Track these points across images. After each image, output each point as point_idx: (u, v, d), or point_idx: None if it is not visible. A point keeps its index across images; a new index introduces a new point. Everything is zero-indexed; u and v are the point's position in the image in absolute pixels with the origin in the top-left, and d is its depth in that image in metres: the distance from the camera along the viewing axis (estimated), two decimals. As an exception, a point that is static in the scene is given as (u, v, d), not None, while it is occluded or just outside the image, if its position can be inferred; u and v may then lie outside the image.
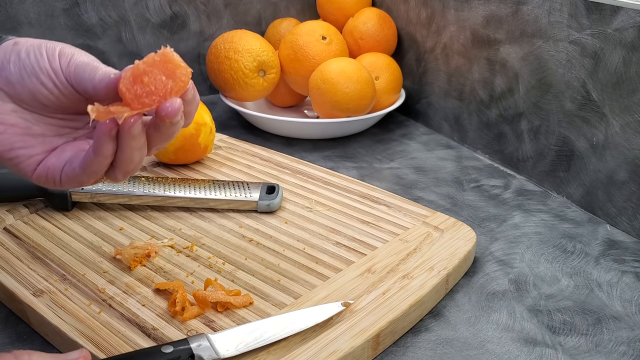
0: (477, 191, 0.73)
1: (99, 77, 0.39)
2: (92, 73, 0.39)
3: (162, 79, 0.38)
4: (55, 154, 0.42)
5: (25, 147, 0.41)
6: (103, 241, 0.57)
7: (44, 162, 0.41)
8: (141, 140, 0.39)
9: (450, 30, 0.85)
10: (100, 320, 0.46)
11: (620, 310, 0.52)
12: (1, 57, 0.39)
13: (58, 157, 0.41)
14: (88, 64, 0.40)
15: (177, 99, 0.38)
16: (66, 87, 0.40)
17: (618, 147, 0.63)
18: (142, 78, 0.38)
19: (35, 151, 0.41)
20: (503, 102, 0.78)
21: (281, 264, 0.54)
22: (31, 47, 0.40)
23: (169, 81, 0.38)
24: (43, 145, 0.41)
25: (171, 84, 0.38)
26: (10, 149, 0.40)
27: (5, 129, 0.40)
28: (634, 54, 0.60)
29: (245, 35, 0.87)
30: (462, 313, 0.51)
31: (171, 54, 0.38)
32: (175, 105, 0.38)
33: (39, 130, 0.41)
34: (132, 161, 0.40)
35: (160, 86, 0.38)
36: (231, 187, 0.64)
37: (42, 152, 0.41)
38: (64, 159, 0.41)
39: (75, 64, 0.40)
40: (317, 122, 0.84)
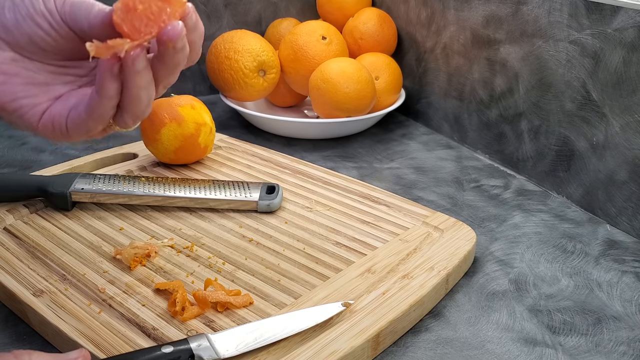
0: (477, 191, 0.73)
1: (94, 14, 0.38)
2: (88, 10, 0.39)
3: (157, 4, 0.36)
4: (60, 101, 0.40)
5: (28, 96, 0.39)
6: (103, 241, 0.57)
7: (49, 111, 0.40)
8: (147, 76, 0.38)
9: (450, 30, 0.85)
10: (100, 320, 0.46)
11: (620, 310, 0.52)
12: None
13: (63, 104, 0.40)
14: (83, 1, 0.39)
15: (179, 22, 0.36)
16: (62, 28, 0.39)
17: (618, 147, 0.63)
18: (135, 6, 0.36)
19: (39, 100, 0.40)
20: (503, 102, 0.78)
21: (281, 264, 0.54)
22: None
23: (165, 6, 0.36)
24: (47, 93, 0.40)
25: (169, 8, 0.37)
26: (13, 99, 0.39)
27: (7, 79, 0.39)
28: (634, 54, 0.60)
29: (245, 35, 0.87)
30: (462, 313, 0.51)
31: None
32: (178, 28, 0.36)
33: (41, 78, 0.40)
34: (140, 102, 0.38)
35: (158, 12, 0.36)
36: (231, 187, 0.64)
37: (46, 101, 0.40)
38: (69, 105, 0.40)
39: (71, 3, 0.39)
40: (317, 122, 0.84)
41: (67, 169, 0.70)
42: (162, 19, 0.36)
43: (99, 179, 0.63)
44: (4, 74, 0.39)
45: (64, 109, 0.40)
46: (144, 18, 0.36)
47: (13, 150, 0.81)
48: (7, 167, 0.76)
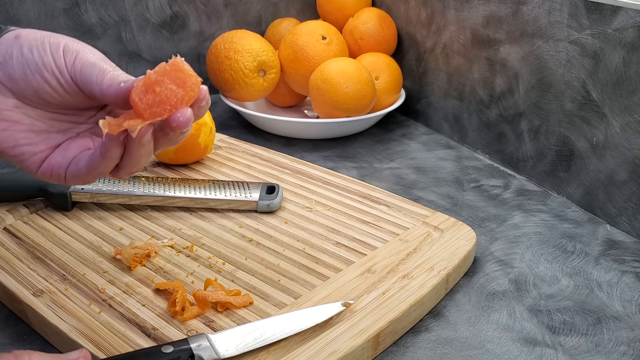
0: (477, 191, 0.73)
1: (107, 83, 0.39)
2: (100, 76, 0.39)
3: (173, 89, 0.38)
4: (60, 151, 0.41)
5: (29, 144, 0.41)
6: (103, 241, 0.57)
7: (48, 160, 0.41)
8: (149, 146, 0.39)
9: (450, 30, 0.85)
10: (100, 320, 0.46)
11: (620, 310, 0.52)
12: (3, 51, 0.39)
13: (63, 155, 0.41)
14: (95, 64, 0.39)
15: (188, 109, 0.38)
16: (71, 87, 0.40)
17: (618, 147, 0.63)
18: (154, 88, 0.38)
19: (39, 148, 0.41)
20: (503, 102, 0.78)
21: (281, 264, 0.54)
22: (34, 42, 0.39)
23: (179, 90, 0.38)
24: (47, 142, 0.41)
25: (182, 93, 0.38)
26: (14, 146, 0.40)
27: (9, 126, 0.40)
28: (634, 54, 0.60)
29: (245, 35, 0.87)
30: (462, 313, 0.51)
31: (182, 64, 0.39)
32: (187, 116, 0.38)
33: (42, 126, 0.41)
34: (139, 164, 0.40)
35: (172, 96, 0.38)
36: (231, 187, 0.64)
37: (46, 149, 0.41)
38: (69, 157, 0.41)
39: (82, 64, 0.39)
40: (317, 122, 0.84)
41: (67, 169, 0.70)
42: (174, 102, 0.38)
43: (99, 179, 0.63)
44: (7, 121, 0.40)
45: (64, 160, 0.41)
46: (159, 100, 0.38)
47: None
48: (7, 167, 0.76)
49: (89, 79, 0.39)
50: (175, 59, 0.38)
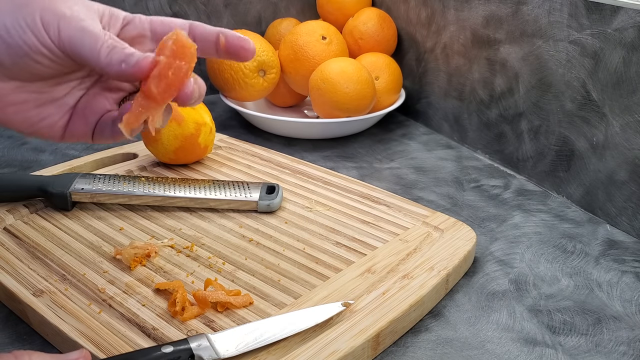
0: (477, 191, 0.73)
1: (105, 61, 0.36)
2: (94, 50, 0.36)
3: (180, 65, 0.37)
4: (79, 118, 0.41)
5: (43, 118, 0.40)
6: (103, 241, 0.57)
7: (69, 128, 0.41)
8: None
9: (450, 30, 0.85)
10: (100, 320, 0.46)
11: (620, 310, 0.52)
12: None
13: (84, 124, 0.41)
14: (83, 32, 0.36)
15: (191, 83, 0.38)
16: (63, 59, 0.38)
17: (618, 147, 0.63)
18: (167, 73, 0.37)
19: (54, 119, 0.40)
20: (503, 102, 0.78)
21: (281, 264, 0.54)
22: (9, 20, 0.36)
23: (184, 65, 0.38)
24: (59, 108, 0.40)
25: (185, 67, 0.38)
26: (30, 125, 0.40)
27: (18, 108, 0.39)
28: (634, 54, 0.60)
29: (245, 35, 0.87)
30: (462, 313, 0.51)
31: (183, 38, 0.37)
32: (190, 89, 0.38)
33: (49, 97, 0.40)
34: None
35: (179, 73, 0.38)
36: (231, 187, 0.64)
37: (62, 115, 0.40)
38: (91, 124, 0.41)
39: (68, 37, 0.36)
40: (317, 122, 0.84)
41: (67, 169, 0.70)
42: (181, 77, 0.38)
43: (99, 179, 0.63)
44: (13, 104, 0.39)
45: (87, 128, 0.41)
46: (171, 82, 0.37)
47: (13, 150, 0.81)
48: (7, 167, 0.76)
49: (82, 52, 0.36)
50: (178, 34, 0.37)
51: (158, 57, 0.37)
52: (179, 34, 0.37)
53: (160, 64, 0.37)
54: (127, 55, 0.37)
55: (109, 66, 0.37)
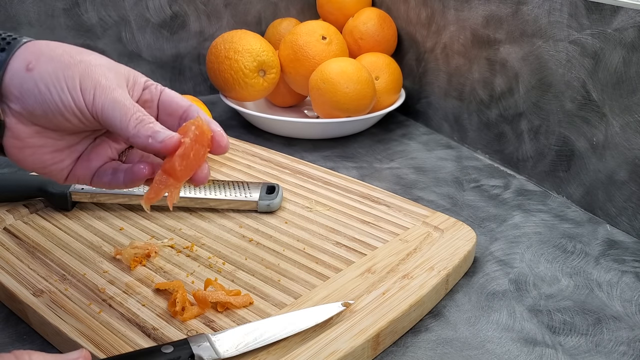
0: (477, 191, 0.73)
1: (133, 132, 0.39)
2: (123, 121, 0.39)
3: (199, 149, 0.41)
4: (83, 163, 0.44)
5: (55, 162, 0.43)
6: (103, 241, 0.57)
7: (73, 172, 0.44)
8: None
9: (450, 30, 0.85)
10: (100, 320, 0.46)
11: (620, 310, 0.52)
12: (17, 85, 0.39)
13: (86, 167, 0.44)
14: (115, 103, 0.39)
15: (206, 167, 0.42)
16: (92, 122, 0.40)
17: (618, 147, 0.63)
18: (189, 154, 0.40)
19: (65, 164, 0.43)
20: (503, 102, 0.78)
21: (281, 264, 0.54)
22: (48, 77, 0.39)
23: (202, 149, 0.41)
24: (70, 155, 0.43)
25: (203, 150, 0.41)
26: (43, 167, 0.42)
27: (35, 151, 0.41)
28: (634, 54, 0.60)
29: (245, 35, 0.87)
30: (462, 313, 0.51)
31: (205, 125, 0.41)
32: (204, 173, 0.42)
33: (64, 144, 0.43)
34: None
35: (198, 155, 0.41)
36: (231, 187, 0.64)
37: (71, 162, 0.43)
38: (92, 168, 0.44)
39: (102, 104, 0.39)
40: (317, 122, 0.84)
41: (67, 169, 0.70)
42: (199, 160, 0.41)
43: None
44: (32, 147, 0.41)
45: (88, 172, 0.44)
46: (191, 163, 0.41)
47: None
48: (7, 167, 0.76)
49: (112, 122, 0.39)
50: (200, 121, 0.41)
51: (183, 139, 0.40)
52: (201, 121, 0.41)
53: (184, 145, 0.40)
54: (155, 132, 0.39)
55: (136, 137, 0.39)
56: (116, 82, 0.40)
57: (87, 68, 0.39)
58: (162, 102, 0.44)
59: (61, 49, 0.40)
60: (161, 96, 0.44)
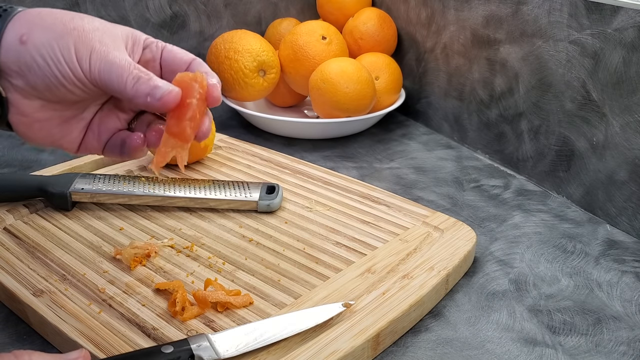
0: (477, 191, 0.73)
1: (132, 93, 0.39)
2: (120, 82, 0.39)
3: (202, 106, 0.40)
4: (92, 135, 0.44)
5: (64, 135, 0.42)
6: (103, 241, 0.57)
7: (83, 143, 0.44)
8: None
9: (450, 30, 0.85)
10: (100, 320, 0.46)
11: (620, 310, 0.52)
12: (14, 60, 0.38)
13: (97, 139, 0.44)
14: (111, 65, 0.38)
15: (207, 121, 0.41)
16: (93, 90, 0.40)
17: (618, 147, 0.63)
18: (196, 115, 0.40)
19: (74, 135, 0.43)
20: (503, 102, 0.78)
21: (281, 264, 0.54)
22: (44, 49, 0.38)
23: (203, 105, 0.40)
24: (78, 125, 0.43)
25: (204, 106, 0.41)
26: (53, 141, 0.42)
27: (42, 125, 0.41)
28: (634, 54, 0.60)
29: (245, 35, 0.87)
30: (462, 313, 0.51)
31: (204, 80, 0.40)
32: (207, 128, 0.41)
33: (70, 114, 0.42)
34: None
35: (202, 113, 0.41)
36: (231, 187, 0.64)
37: (80, 133, 0.43)
38: (102, 140, 0.44)
39: (99, 69, 0.39)
40: (317, 122, 0.84)
41: (67, 169, 0.70)
42: (200, 115, 0.40)
43: (99, 179, 0.63)
44: (39, 121, 0.41)
45: (98, 144, 0.44)
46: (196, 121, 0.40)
47: (13, 150, 0.81)
48: (7, 167, 0.76)
49: (110, 85, 0.39)
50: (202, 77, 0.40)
51: (189, 100, 0.39)
52: (202, 78, 0.40)
53: (191, 106, 0.39)
54: (152, 87, 0.39)
55: (136, 97, 0.39)
56: (112, 44, 0.39)
57: (80, 35, 0.38)
58: (164, 59, 0.43)
59: (52, 16, 0.39)
60: (163, 53, 0.43)
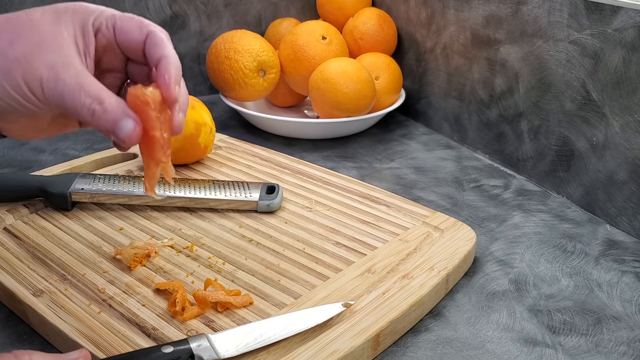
0: (477, 191, 0.73)
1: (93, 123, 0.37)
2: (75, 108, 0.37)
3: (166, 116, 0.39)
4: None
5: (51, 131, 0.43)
6: (103, 241, 0.57)
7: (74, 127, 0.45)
8: None
9: (450, 30, 0.85)
10: (100, 320, 0.46)
11: (620, 310, 0.52)
12: None
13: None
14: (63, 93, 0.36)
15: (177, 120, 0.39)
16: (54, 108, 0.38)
17: (618, 147, 0.63)
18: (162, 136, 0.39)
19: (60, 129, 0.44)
20: (503, 102, 0.78)
21: (281, 264, 0.54)
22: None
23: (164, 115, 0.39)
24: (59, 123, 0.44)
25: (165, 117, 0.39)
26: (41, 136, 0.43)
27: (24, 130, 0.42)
28: (634, 54, 0.60)
29: (245, 35, 0.87)
30: (462, 313, 0.51)
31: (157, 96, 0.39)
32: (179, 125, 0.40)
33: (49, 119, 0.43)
34: None
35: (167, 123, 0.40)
36: (231, 187, 0.64)
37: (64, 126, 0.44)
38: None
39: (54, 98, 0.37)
40: (317, 122, 0.84)
41: (67, 169, 0.70)
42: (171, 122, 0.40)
43: (99, 179, 0.63)
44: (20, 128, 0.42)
45: None
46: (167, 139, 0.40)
47: (13, 150, 0.81)
48: (7, 167, 0.76)
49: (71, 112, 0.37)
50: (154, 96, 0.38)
51: (152, 133, 0.39)
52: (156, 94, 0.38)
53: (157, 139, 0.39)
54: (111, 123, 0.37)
55: (99, 129, 0.38)
56: (61, 60, 0.37)
57: (24, 66, 0.36)
58: (119, 42, 0.40)
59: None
60: (116, 36, 0.40)
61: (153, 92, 0.38)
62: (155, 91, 0.38)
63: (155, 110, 0.38)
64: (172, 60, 0.39)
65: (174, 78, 0.39)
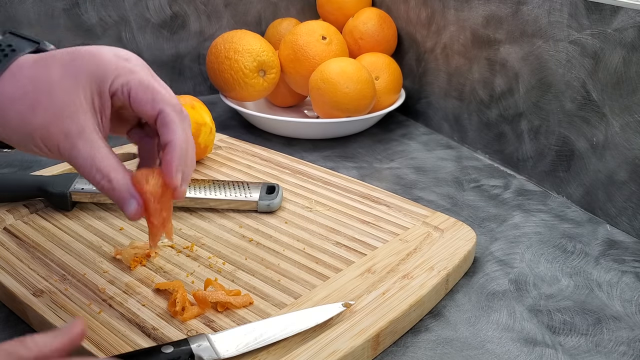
0: (477, 191, 0.73)
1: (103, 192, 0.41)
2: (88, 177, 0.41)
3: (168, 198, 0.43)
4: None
5: None
6: (103, 241, 0.57)
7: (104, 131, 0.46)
8: None
9: (450, 30, 0.85)
10: (100, 320, 0.46)
11: (620, 310, 0.52)
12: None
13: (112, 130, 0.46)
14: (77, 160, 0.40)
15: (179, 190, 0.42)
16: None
17: (618, 147, 0.63)
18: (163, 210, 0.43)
19: None
20: (503, 102, 0.78)
21: (281, 264, 0.54)
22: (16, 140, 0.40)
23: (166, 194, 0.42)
24: None
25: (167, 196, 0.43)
26: None
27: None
28: (634, 54, 0.60)
29: (245, 35, 0.87)
30: (462, 313, 0.51)
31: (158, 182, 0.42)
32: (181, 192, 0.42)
33: None
34: None
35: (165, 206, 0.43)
36: (231, 187, 0.64)
37: None
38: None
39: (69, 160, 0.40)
40: (317, 122, 0.84)
41: (67, 169, 0.70)
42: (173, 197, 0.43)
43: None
44: None
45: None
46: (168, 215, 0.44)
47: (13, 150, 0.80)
48: (7, 167, 0.76)
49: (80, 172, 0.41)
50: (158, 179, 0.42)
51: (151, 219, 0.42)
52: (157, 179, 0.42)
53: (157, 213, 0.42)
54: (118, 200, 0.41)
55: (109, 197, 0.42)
56: (77, 126, 0.39)
57: (44, 134, 0.39)
58: (134, 109, 0.42)
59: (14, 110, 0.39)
60: (131, 103, 0.41)
61: (154, 185, 0.41)
62: (157, 182, 0.42)
63: (154, 202, 0.42)
64: (177, 146, 0.41)
65: (176, 167, 0.41)
